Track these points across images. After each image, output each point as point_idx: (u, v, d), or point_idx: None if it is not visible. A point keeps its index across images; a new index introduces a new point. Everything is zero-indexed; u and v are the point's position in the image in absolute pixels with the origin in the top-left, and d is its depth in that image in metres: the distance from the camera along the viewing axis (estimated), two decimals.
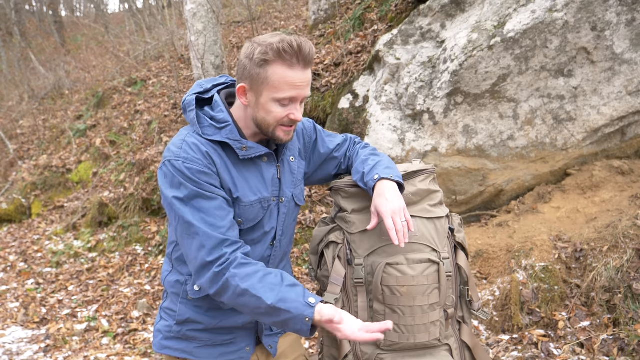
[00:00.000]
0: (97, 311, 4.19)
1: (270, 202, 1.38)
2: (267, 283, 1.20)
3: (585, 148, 3.52)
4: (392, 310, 1.39)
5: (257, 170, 1.36)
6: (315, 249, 1.56)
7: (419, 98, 3.65)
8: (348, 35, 5.32)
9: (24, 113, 9.89)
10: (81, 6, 23.24)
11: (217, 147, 1.31)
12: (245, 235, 1.36)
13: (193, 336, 1.43)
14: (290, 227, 1.48)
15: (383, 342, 1.41)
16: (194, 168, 1.24)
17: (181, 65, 8.11)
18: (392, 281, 1.37)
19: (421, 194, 1.48)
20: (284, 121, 1.29)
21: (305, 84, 1.26)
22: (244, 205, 1.32)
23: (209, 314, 1.41)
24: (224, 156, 1.31)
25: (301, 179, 1.51)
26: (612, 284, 2.77)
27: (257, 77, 1.25)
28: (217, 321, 1.41)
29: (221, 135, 1.30)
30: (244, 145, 1.30)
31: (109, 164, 6.47)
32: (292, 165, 1.44)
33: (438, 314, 1.41)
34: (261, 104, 1.28)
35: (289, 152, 1.44)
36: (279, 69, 1.23)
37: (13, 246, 5.98)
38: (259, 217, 1.36)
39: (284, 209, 1.42)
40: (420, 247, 1.40)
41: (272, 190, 1.38)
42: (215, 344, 1.44)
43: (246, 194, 1.32)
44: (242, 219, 1.33)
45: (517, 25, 3.27)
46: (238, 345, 1.46)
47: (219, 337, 1.44)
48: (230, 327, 1.44)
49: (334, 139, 1.59)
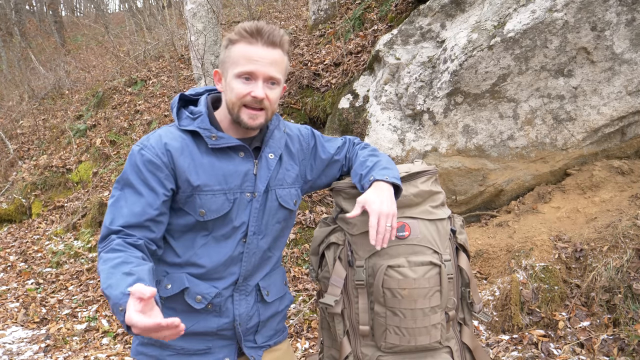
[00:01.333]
0: (97, 311, 4.19)
1: (237, 195, 1.36)
2: (114, 268, 1.14)
3: (585, 148, 3.52)
4: (393, 312, 1.38)
5: (229, 162, 1.35)
6: (315, 250, 1.56)
7: (419, 98, 3.65)
8: (348, 35, 5.32)
9: (24, 113, 9.89)
10: (81, 6, 23.25)
11: (188, 136, 1.35)
12: (216, 230, 1.36)
13: (167, 343, 1.37)
14: (271, 228, 1.43)
15: (384, 344, 1.41)
16: (146, 156, 1.30)
17: (181, 65, 8.11)
18: (393, 284, 1.36)
19: (423, 195, 1.47)
20: (246, 100, 1.30)
21: (267, 61, 1.29)
22: (204, 194, 1.32)
23: (182, 317, 1.35)
24: (192, 146, 1.34)
25: (291, 183, 1.47)
26: (612, 284, 2.77)
27: (224, 59, 1.34)
28: (190, 324, 1.37)
29: (194, 125, 1.34)
30: (214, 135, 1.33)
31: (109, 164, 6.47)
32: (269, 162, 1.41)
33: (439, 317, 1.40)
34: (227, 84, 1.33)
35: (268, 149, 1.42)
36: (240, 47, 1.30)
37: (13, 246, 5.98)
38: (224, 208, 1.34)
39: (256, 203, 1.38)
40: (422, 249, 1.40)
41: (244, 185, 1.37)
42: (189, 353, 1.38)
43: (208, 183, 1.33)
44: (205, 209, 1.33)
45: (517, 25, 3.27)
46: (215, 355, 1.40)
47: (193, 345, 1.38)
48: (204, 334, 1.39)
49: (334, 143, 1.59)
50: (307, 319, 3.41)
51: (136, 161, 1.30)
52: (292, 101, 4.88)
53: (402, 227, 1.41)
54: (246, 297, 1.42)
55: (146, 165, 1.29)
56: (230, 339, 1.42)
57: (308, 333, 3.29)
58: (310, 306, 3.46)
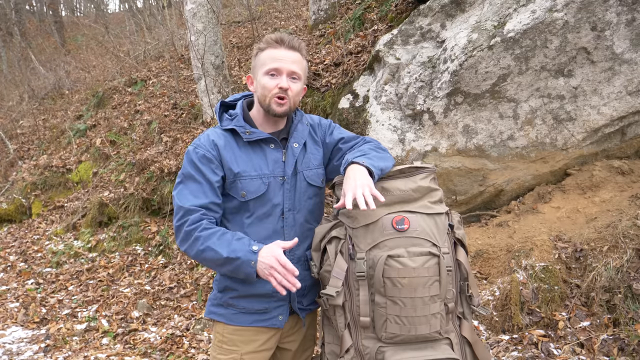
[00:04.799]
0: (97, 311, 4.19)
1: (270, 179, 1.63)
2: (223, 240, 1.51)
3: (585, 148, 3.52)
4: (393, 302, 1.40)
5: (262, 153, 1.65)
6: (317, 246, 1.59)
7: (419, 98, 3.65)
8: (348, 35, 5.32)
9: (24, 113, 9.88)
10: (81, 6, 23.24)
11: (228, 134, 1.66)
12: (257, 209, 1.63)
13: (232, 303, 1.67)
14: (304, 203, 1.68)
15: (385, 334, 1.43)
16: (200, 152, 1.61)
17: (181, 65, 8.11)
18: (393, 273, 1.39)
19: (422, 190, 1.51)
20: (275, 92, 1.60)
21: (289, 60, 1.60)
22: (244, 179, 1.61)
23: (242, 282, 1.62)
24: (231, 141, 1.65)
25: (317, 165, 1.74)
26: (612, 284, 2.77)
27: (255, 64, 1.67)
28: (249, 288, 1.63)
29: (232, 124, 1.66)
30: (248, 130, 1.64)
31: (109, 164, 6.47)
32: (294, 150, 1.68)
33: (439, 307, 1.43)
34: (258, 82, 1.64)
35: (293, 140, 1.69)
36: (267, 52, 1.63)
37: (13, 246, 5.98)
38: (260, 190, 1.62)
39: (287, 185, 1.65)
40: (421, 242, 1.43)
41: (275, 170, 1.64)
42: (250, 312, 1.66)
43: (246, 170, 1.62)
44: (245, 191, 1.61)
45: (517, 25, 3.27)
46: (271, 314, 1.67)
47: (253, 305, 1.66)
48: (262, 295, 1.64)
49: (342, 133, 1.80)
50: None
51: (192, 158, 1.62)
52: None
53: (401, 221, 1.45)
54: (296, 264, 1.63)
55: (201, 160, 1.60)
56: (283, 300, 1.67)
57: None
58: None
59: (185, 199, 1.57)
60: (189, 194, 1.58)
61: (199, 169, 1.60)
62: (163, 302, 4.18)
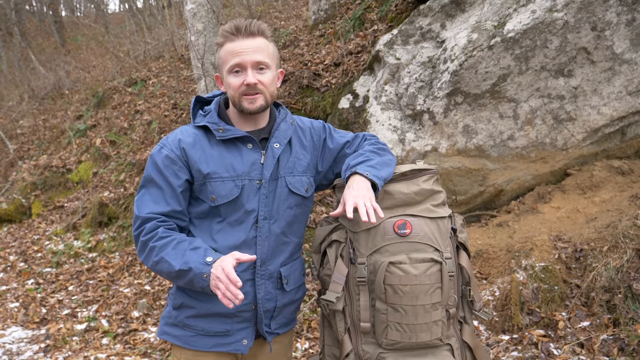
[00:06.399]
0: (97, 311, 4.19)
1: (245, 182, 1.47)
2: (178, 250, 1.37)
3: (585, 148, 3.52)
4: (394, 309, 1.38)
5: (237, 152, 1.49)
6: (317, 248, 1.57)
7: (419, 98, 3.65)
8: (348, 35, 5.32)
9: (24, 113, 9.88)
10: (81, 6, 23.24)
11: (200, 131, 1.50)
12: (229, 216, 1.47)
13: (188, 324, 1.49)
14: (283, 213, 1.52)
15: (385, 341, 1.41)
16: (164, 153, 1.47)
17: (181, 65, 8.11)
18: (394, 280, 1.37)
19: (424, 193, 1.48)
20: (242, 90, 1.44)
21: (250, 50, 1.42)
22: (214, 181, 1.45)
23: (200, 298, 1.47)
24: (203, 139, 1.49)
25: (302, 171, 1.56)
26: (612, 284, 2.77)
27: (218, 62, 1.51)
28: (209, 306, 1.46)
29: (204, 121, 1.50)
30: (221, 127, 1.48)
31: (109, 164, 6.47)
32: (274, 151, 1.51)
33: (440, 314, 1.41)
34: (225, 82, 1.48)
35: (274, 139, 1.52)
36: (225, 47, 1.45)
37: (13, 246, 5.98)
38: (233, 194, 1.46)
39: (264, 190, 1.48)
40: (423, 247, 1.40)
41: (252, 173, 1.48)
42: (210, 334, 1.48)
43: (217, 171, 1.46)
44: (215, 194, 1.45)
45: (517, 25, 3.27)
46: (234, 337, 1.49)
47: (213, 327, 1.48)
48: (223, 315, 1.47)
49: (344, 136, 1.65)
50: (307, 319, 3.41)
51: (155, 159, 1.47)
52: (292, 101, 4.88)
53: (403, 225, 1.42)
54: (266, 281, 1.51)
55: (164, 161, 1.46)
56: (248, 321, 1.51)
57: (308, 333, 3.29)
58: (310, 306, 3.46)
59: (145, 205, 1.44)
60: (149, 199, 1.45)
61: (161, 172, 1.45)
62: (163, 302, 4.17)
